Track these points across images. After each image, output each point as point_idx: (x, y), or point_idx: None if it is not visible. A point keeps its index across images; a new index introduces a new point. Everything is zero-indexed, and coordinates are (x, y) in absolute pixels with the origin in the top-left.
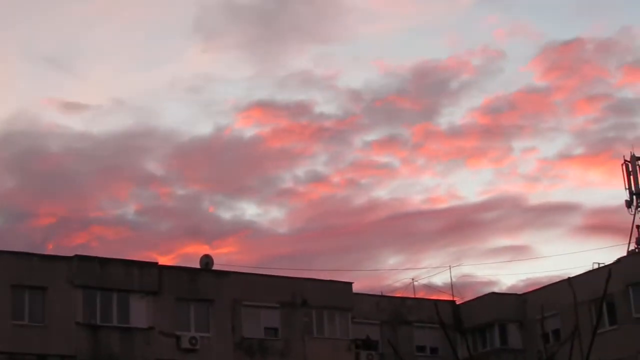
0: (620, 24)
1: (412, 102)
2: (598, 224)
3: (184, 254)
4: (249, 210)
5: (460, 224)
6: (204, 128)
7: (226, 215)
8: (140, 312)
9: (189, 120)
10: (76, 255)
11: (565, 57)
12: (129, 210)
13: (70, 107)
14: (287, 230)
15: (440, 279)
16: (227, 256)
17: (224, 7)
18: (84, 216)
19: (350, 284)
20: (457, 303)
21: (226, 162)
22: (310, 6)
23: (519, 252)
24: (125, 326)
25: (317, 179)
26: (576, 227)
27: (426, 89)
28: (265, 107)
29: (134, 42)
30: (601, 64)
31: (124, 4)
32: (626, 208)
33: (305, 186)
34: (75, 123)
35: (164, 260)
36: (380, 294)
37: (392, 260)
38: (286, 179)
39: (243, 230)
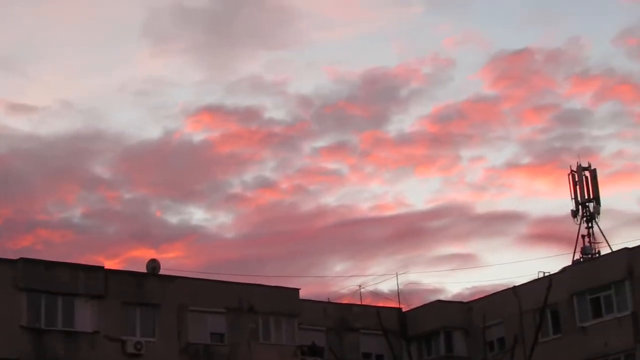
0: (569, 35)
1: (362, 109)
2: (544, 233)
3: (130, 258)
4: (197, 215)
5: (407, 232)
6: (152, 132)
7: (173, 219)
8: (85, 316)
9: (138, 124)
10: (21, 258)
11: (514, 67)
12: (76, 213)
13: (18, 108)
14: (235, 236)
15: (387, 286)
16: (174, 261)
17: (174, 11)
18: (30, 219)
19: (297, 290)
20: (404, 310)
21: (174, 167)
22: (262, 12)
23: (465, 260)
24: (70, 330)
25: (265, 184)
26: (522, 236)
27: (376, 96)
28: (214, 111)
29: (83, 44)
30: (549, 74)
31: (73, 7)
32: (572, 218)
33: (253, 192)
34: (22, 124)
35: (110, 264)
36: (327, 300)
37: (339, 266)
38: (234, 184)
39: (190, 234)
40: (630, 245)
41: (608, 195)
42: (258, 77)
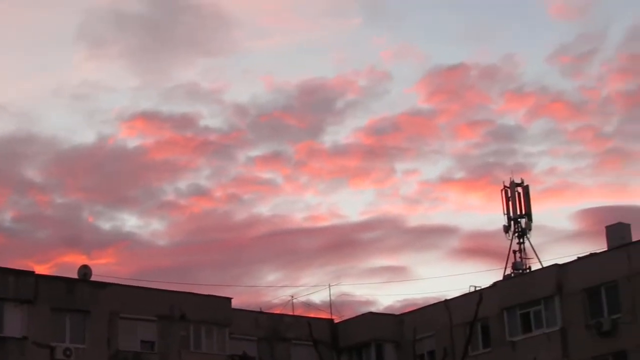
0: (504, 52)
1: (298, 120)
2: (476, 248)
3: (61, 264)
4: (129, 222)
5: (340, 243)
6: (87, 137)
7: (106, 225)
8: (14, 322)
9: (72, 128)
10: None
11: (449, 82)
12: (6, 217)
13: None
14: (167, 243)
15: (319, 297)
16: (106, 267)
17: (111, 16)
18: None
19: (229, 299)
20: (335, 321)
21: (108, 172)
22: (200, 19)
23: (397, 272)
24: None
25: (199, 192)
26: (454, 250)
27: (312, 106)
28: (149, 118)
29: (17, 46)
30: (484, 89)
31: (7, 9)
32: (504, 233)
33: (187, 199)
34: None
35: (40, 269)
36: (258, 310)
37: (271, 276)
38: (168, 191)
39: (122, 241)
40: (560, 261)
41: (539, 211)
42: (194, 85)
